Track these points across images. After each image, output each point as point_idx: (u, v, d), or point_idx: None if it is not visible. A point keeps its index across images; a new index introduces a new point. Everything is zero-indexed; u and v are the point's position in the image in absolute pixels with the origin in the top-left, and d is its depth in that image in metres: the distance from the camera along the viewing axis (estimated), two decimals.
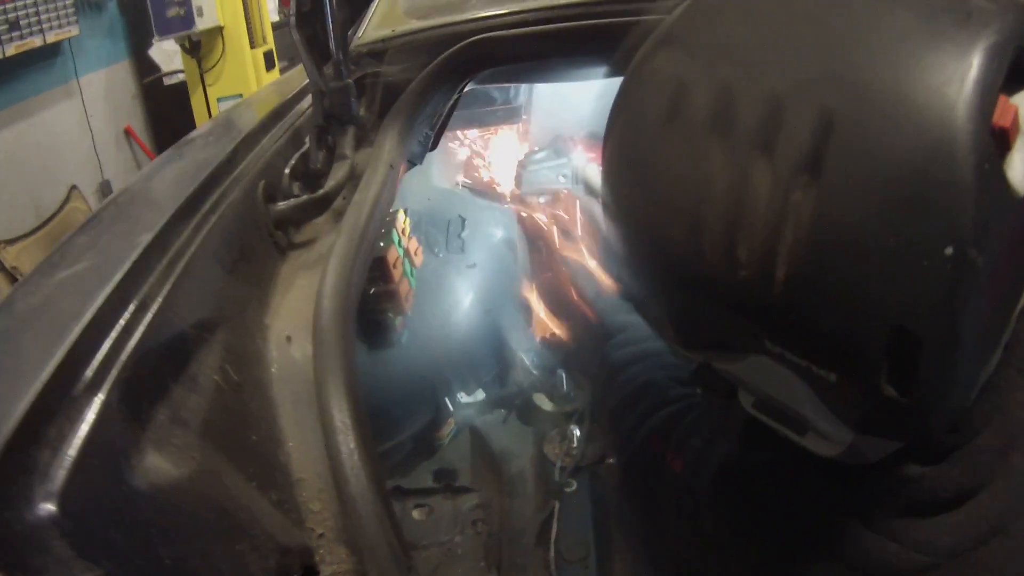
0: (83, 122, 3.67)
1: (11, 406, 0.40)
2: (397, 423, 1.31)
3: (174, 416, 0.48)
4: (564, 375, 1.35)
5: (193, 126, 3.50)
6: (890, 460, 0.63)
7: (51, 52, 3.39)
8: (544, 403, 1.35)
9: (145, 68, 4.00)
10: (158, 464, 0.44)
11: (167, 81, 3.94)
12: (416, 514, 1.35)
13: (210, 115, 3.50)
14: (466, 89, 1.01)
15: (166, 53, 3.87)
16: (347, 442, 0.53)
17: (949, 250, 0.43)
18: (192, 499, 0.45)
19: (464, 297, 1.32)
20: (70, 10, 3.31)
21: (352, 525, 0.52)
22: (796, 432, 0.58)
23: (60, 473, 0.39)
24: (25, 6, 3.07)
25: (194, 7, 3.32)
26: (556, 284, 1.20)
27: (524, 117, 1.44)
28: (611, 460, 1.30)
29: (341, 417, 0.53)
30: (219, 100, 3.47)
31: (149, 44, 3.89)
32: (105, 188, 3.75)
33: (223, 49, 3.49)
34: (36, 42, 3.18)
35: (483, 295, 1.34)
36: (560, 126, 1.53)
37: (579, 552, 1.17)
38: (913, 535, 0.63)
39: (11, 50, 3.05)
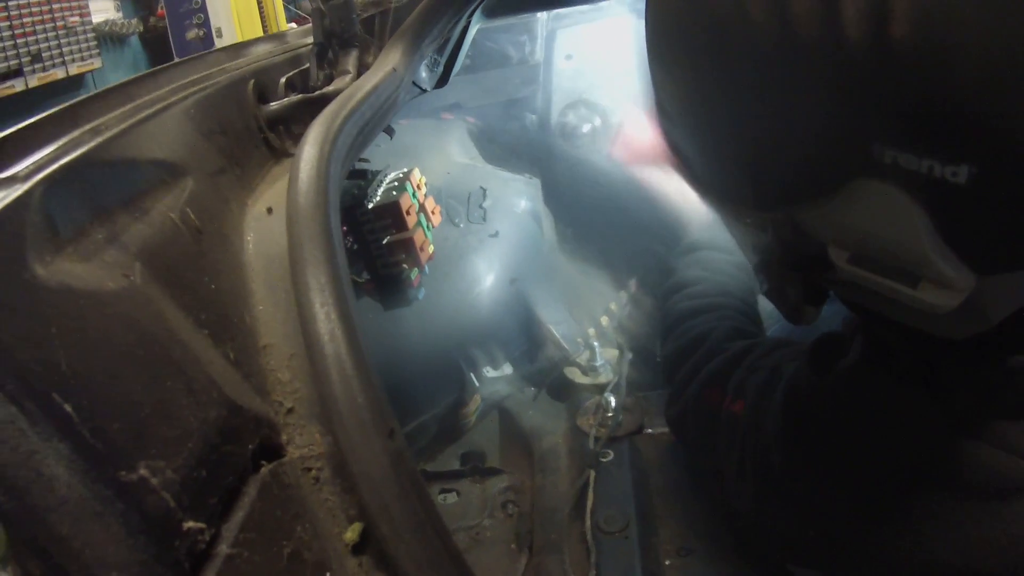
0: None
1: None
2: (420, 401, 1.21)
3: (112, 237, 0.39)
4: (597, 346, 1.23)
5: None
6: (993, 353, 0.54)
7: (74, 84, 3.44)
8: (577, 376, 1.23)
9: None
10: (78, 271, 0.35)
11: None
12: (443, 499, 1.23)
13: None
14: (477, 23, 0.93)
15: None
16: (321, 300, 0.43)
17: None
18: (113, 315, 0.35)
19: (487, 267, 1.23)
20: (92, 43, 3.39)
21: (327, 398, 0.42)
22: (906, 283, 0.47)
23: None
24: (47, 39, 3.14)
25: (213, 28, 3.37)
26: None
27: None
28: (650, 430, 1.17)
29: (314, 272, 0.44)
30: None
31: None
32: None
33: None
34: (59, 74, 3.24)
35: (508, 265, 1.24)
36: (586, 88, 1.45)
37: (619, 523, 1.03)
38: (1020, 439, 0.53)
39: (34, 82, 3.10)
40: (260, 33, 3.57)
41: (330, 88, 0.71)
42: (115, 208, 0.40)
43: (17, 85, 2.96)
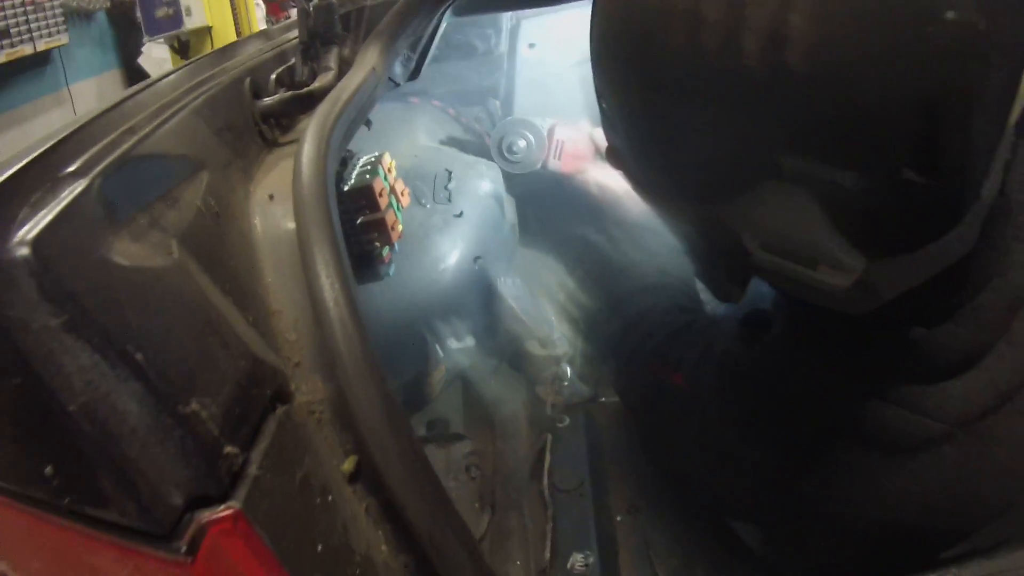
0: None
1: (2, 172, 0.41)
2: (388, 370, 1.30)
3: (153, 222, 0.48)
4: (554, 321, 1.34)
5: None
6: (894, 324, 0.62)
7: (41, 60, 3.45)
8: (535, 348, 1.34)
9: (135, 76, 4.04)
10: (133, 250, 0.44)
11: None
12: None
13: None
14: (447, 20, 1.02)
15: (155, 61, 3.91)
16: (326, 272, 0.53)
17: (951, 14, 0.42)
18: (164, 285, 0.45)
19: (452, 245, 1.32)
20: (60, 19, 3.37)
21: (328, 354, 0.52)
22: (807, 266, 0.56)
23: (36, 226, 0.39)
24: (15, 15, 3.12)
25: (183, 7, 3.37)
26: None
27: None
28: (603, 399, 1.29)
29: (320, 251, 0.53)
30: None
31: (139, 53, 3.94)
32: None
33: (212, 49, 3.52)
34: (26, 50, 3.24)
35: (471, 244, 1.34)
36: (546, 91, 1.56)
37: (574, 482, 1.15)
38: (925, 401, 0.61)
39: (2, 58, 3.11)
40: (228, 11, 3.57)
41: (315, 85, 0.79)
42: (153, 197, 0.50)
43: None
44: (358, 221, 1.07)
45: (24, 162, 0.42)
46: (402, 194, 1.20)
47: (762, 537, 0.95)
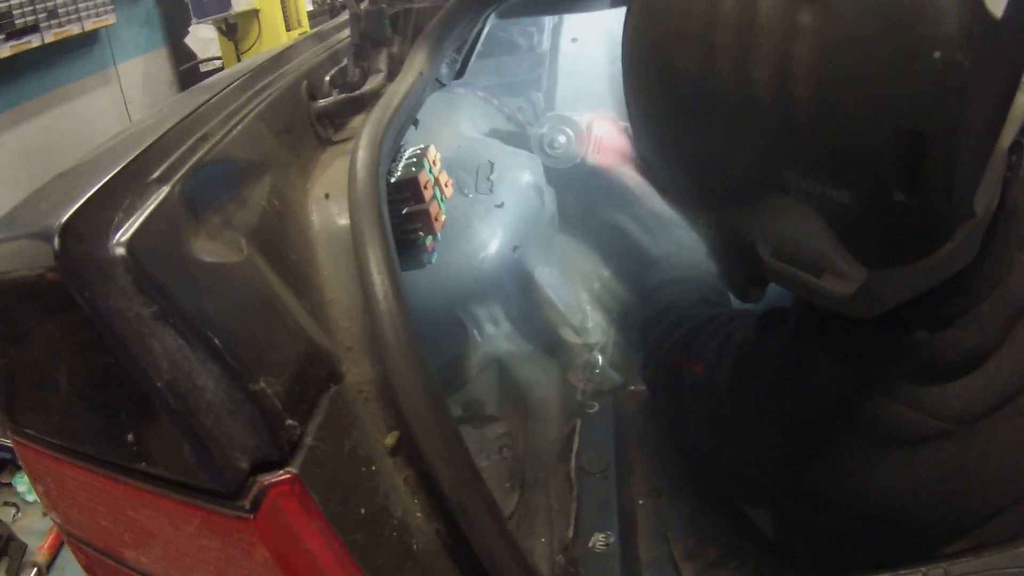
0: (121, 108, 3.80)
1: (95, 181, 0.47)
2: (427, 354, 1.37)
3: (226, 221, 0.55)
4: (588, 310, 1.40)
5: None
6: (900, 327, 0.66)
7: (89, 40, 3.55)
8: (570, 336, 1.39)
9: (182, 56, 4.14)
10: (210, 248, 0.51)
11: (203, 68, 4.06)
12: None
13: None
14: (491, 22, 1.07)
15: (202, 41, 4.00)
16: (377, 264, 0.59)
17: (938, 53, 0.47)
18: (237, 278, 0.52)
19: (492, 234, 1.38)
20: None
21: (377, 340, 0.58)
22: (813, 274, 0.60)
23: (131, 228, 0.46)
24: None
25: None
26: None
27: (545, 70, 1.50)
28: (632, 387, 1.34)
29: (373, 249, 0.60)
30: None
31: (186, 32, 4.02)
32: None
33: (259, 31, 3.59)
34: (74, 30, 3.34)
35: (511, 233, 1.39)
36: (587, 84, 1.60)
37: (599, 465, 1.21)
38: (925, 399, 0.66)
39: (50, 37, 3.21)
40: None
41: (367, 88, 0.85)
42: (225, 199, 0.56)
43: (34, 41, 3.06)
44: (403, 211, 1.13)
45: (115, 171, 0.49)
46: (446, 185, 1.26)
47: (774, 522, 0.99)
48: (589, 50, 1.59)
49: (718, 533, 1.10)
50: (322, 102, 0.82)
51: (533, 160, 1.48)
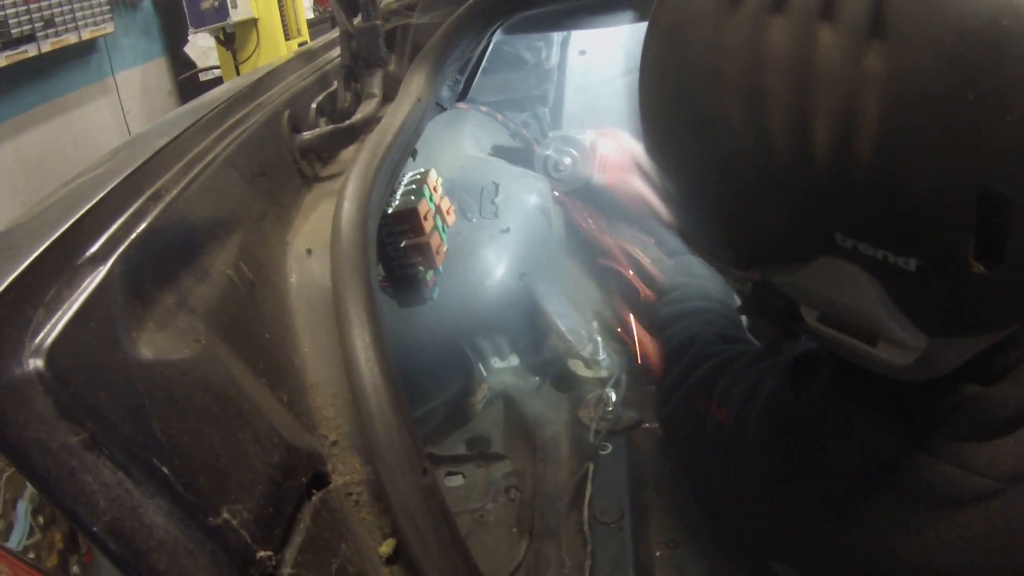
0: (119, 118, 3.73)
1: (11, 266, 0.38)
2: (430, 388, 1.28)
3: (180, 302, 0.45)
4: (600, 341, 1.30)
5: None
6: (948, 382, 0.60)
7: (86, 49, 3.48)
8: (580, 369, 1.30)
9: (180, 65, 4.07)
10: (158, 341, 0.41)
11: (203, 77, 4.00)
12: (449, 482, 1.31)
13: None
14: (496, 38, 0.97)
15: (201, 50, 3.93)
16: (364, 348, 0.49)
17: (1012, 116, 0.40)
18: (192, 380, 0.42)
19: (497, 261, 1.28)
20: (105, 8, 3.40)
21: (366, 433, 0.48)
22: (867, 342, 0.54)
23: (52, 332, 0.36)
24: (60, 3, 3.14)
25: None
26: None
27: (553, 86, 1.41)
28: (647, 424, 1.25)
29: (359, 323, 0.50)
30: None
31: (184, 41, 3.96)
32: None
33: (258, 41, 3.51)
34: (71, 39, 3.26)
35: (517, 260, 1.29)
36: (595, 99, 1.51)
37: (614, 514, 1.11)
38: (975, 458, 0.60)
39: (47, 47, 3.13)
40: (274, 3, 3.54)
41: (358, 116, 0.76)
42: (180, 272, 0.47)
43: (30, 50, 2.98)
44: (402, 244, 1.03)
45: (40, 249, 0.39)
46: (448, 212, 1.16)
47: None
48: (598, 63, 1.50)
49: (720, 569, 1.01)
50: (307, 135, 0.72)
51: (540, 181, 1.38)
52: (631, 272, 1.23)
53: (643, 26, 0.56)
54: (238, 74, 3.51)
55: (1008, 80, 0.40)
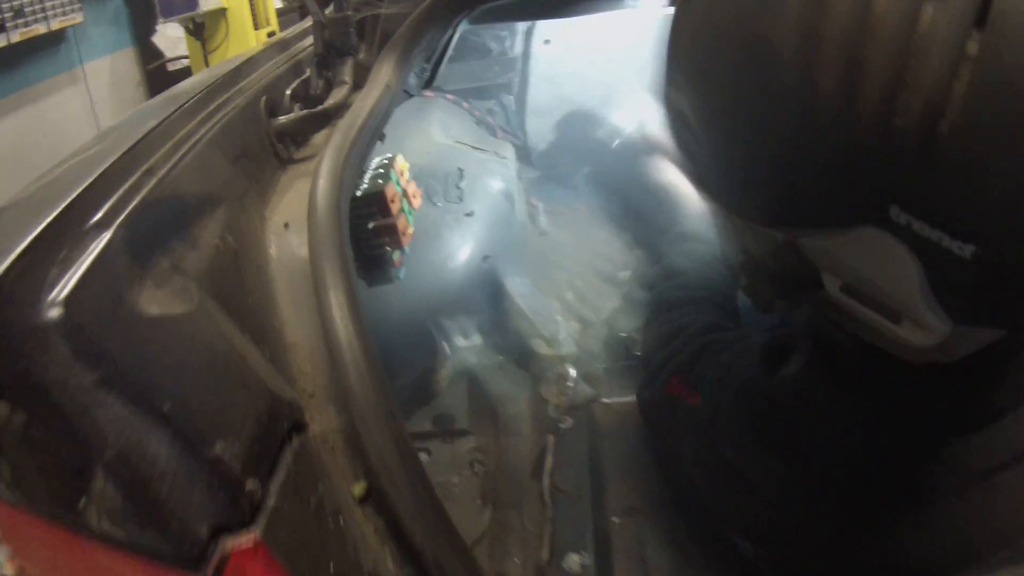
0: (88, 108, 3.72)
1: (27, 231, 0.43)
2: (396, 366, 1.34)
3: (174, 265, 0.51)
4: (561, 320, 1.37)
5: None
6: (925, 374, 0.59)
7: (55, 39, 3.47)
8: (541, 347, 1.37)
9: (149, 55, 4.06)
10: (157, 298, 0.47)
11: (171, 67, 3.99)
12: None
13: None
14: (462, 28, 1.03)
15: (170, 40, 3.92)
16: (339, 307, 0.56)
17: None
18: (188, 332, 0.48)
19: (462, 244, 1.35)
20: None
21: (341, 386, 0.55)
22: (889, 319, 0.53)
23: (65, 287, 0.42)
24: None
25: None
26: None
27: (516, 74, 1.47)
28: (605, 400, 1.32)
29: (335, 285, 0.57)
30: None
31: (153, 31, 3.94)
32: None
33: (227, 31, 3.53)
34: (41, 29, 3.25)
35: (481, 243, 1.36)
36: (560, 87, 1.58)
37: (573, 483, 1.19)
38: (945, 452, 0.61)
39: (16, 37, 3.12)
40: None
41: (330, 102, 0.82)
42: (173, 240, 0.53)
43: (0, 41, 2.95)
44: (370, 225, 1.10)
45: (49, 218, 0.45)
46: (414, 196, 1.22)
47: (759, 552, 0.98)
48: (563, 52, 1.57)
49: (697, 554, 1.09)
50: (282, 119, 0.78)
51: (504, 165, 1.45)
52: None
53: (603, 16, 0.57)
54: (207, 64, 3.52)
55: None
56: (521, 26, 1.49)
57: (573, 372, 1.33)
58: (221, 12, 3.54)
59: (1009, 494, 0.61)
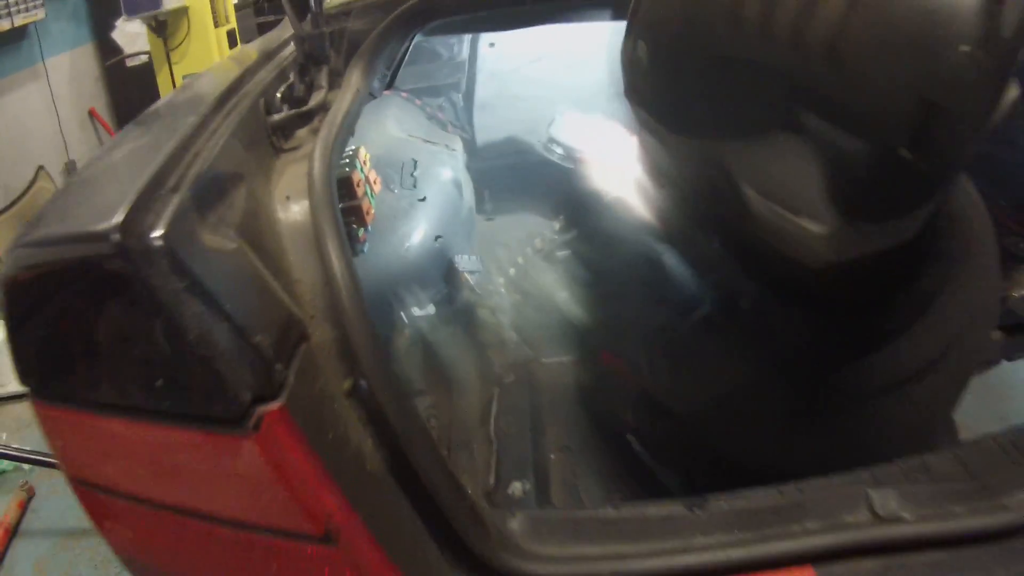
0: (49, 104, 3.87)
1: (129, 192, 0.68)
2: None
3: (220, 218, 0.76)
4: (504, 292, 1.64)
5: None
6: (812, 306, 0.82)
7: (18, 35, 3.65)
8: (487, 316, 1.64)
9: (108, 51, 4.21)
10: (212, 239, 0.72)
11: (129, 63, 4.15)
12: None
13: None
14: (416, 39, 1.29)
15: (128, 36, 4.09)
16: (335, 249, 0.81)
17: (964, 48, 0.62)
18: (233, 262, 0.73)
19: (416, 225, 1.61)
20: None
21: (335, 308, 0.80)
22: (792, 212, 0.71)
23: (161, 227, 0.66)
24: None
25: None
26: None
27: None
28: (543, 359, 1.59)
29: (331, 235, 0.82)
30: (184, 77, 3.71)
31: (112, 27, 4.09)
32: (71, 168, 3.96)
33: (188, 28, 3.73)
34: (4, 25, 3.41)
35: (433, 224, 1.63)
36: (504, 85, 1.85)
37: (515, 426, 1.46)
38: (854, 368, 0.81)
39: None
40: None
41: (313, 103, 1.06)
42: (217, 201, 0.77)
43: None
44: (339, 207, 1.35)
45: (143, 184, 0.69)
46: (375, 182, 1.48)
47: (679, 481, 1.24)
48: (506, 54, 1.84)
49: (622, 484, 1.36)
50: (276, 117, 1.03)
51: (453, 157, 1.71)
52: None
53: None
54: (168, 60, 3.72)
55: (957, 33, 0.61)
56: (467, 36, 1.75)
57: (515, 336, 1.60)
58: (183, 10, 3.76)
59: (917, 403, 0.81)
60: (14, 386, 3.12)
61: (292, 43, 1.22)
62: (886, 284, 0.83)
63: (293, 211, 0.88)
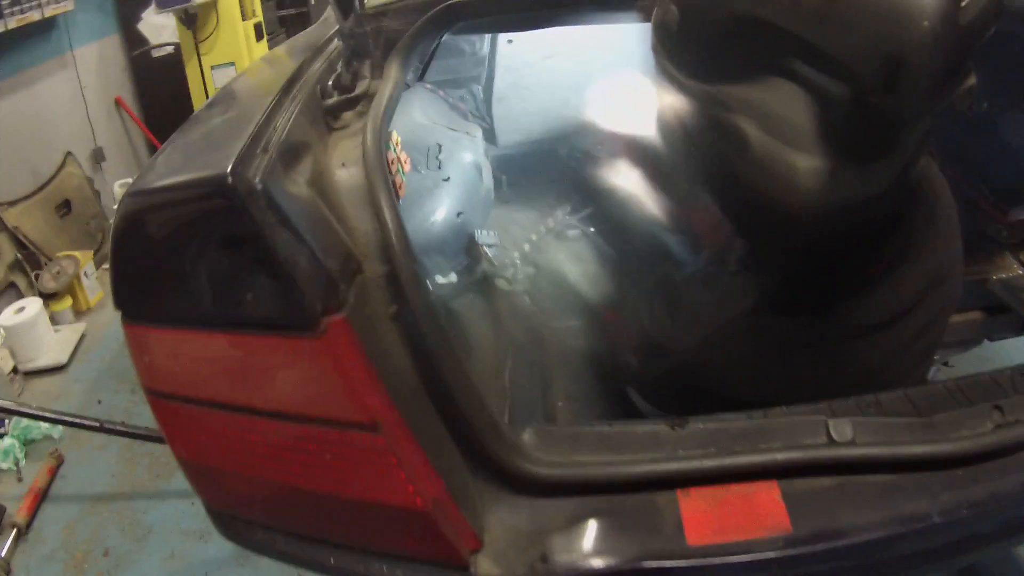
0: (77, 93, 4.19)
1: (232, 150, 0.95)
2: None
3: (297, 175, 1.03)
4: (519, 264, 1.90)
5: (185, 95, 4.08)
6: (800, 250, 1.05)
7: (48, 26, 3.99)
8: (503, 285, 1.90)
9: (134, 41, 4.54)
10: (292, 188, 1.00)
11: (155, 54, 4.47)
12: None
13: (204, 81, 4.04)
14: (445, 37, 1.57)
15: (154, 27, 4.42)
16: (387, 202, 1.08)
17: (926, 23, 0.84)
18: (308, 205, 1.00)
19: (440, 203, 1.88)
20: None
21: (385, 250, 1.07)
22: (787, 144, 0.93)
23: (260, 176, 0.94)
24: None
25: None
26: None
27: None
28: (554, 324, 1.86)
29: (384, 193, 1.09)
30: (212, 68, 4.03)
31: (138, 18, 4.42)
32: (97, 155, 4.28)
33: (217, 21, 4.04)
34: (35, 16, 3.75)
35: (456, 202, 1.89)
36: (520, 78, 2.11)
37: (527, 380, 1.72)
38: (841, 310, 1.04)
39: (12, 23, 3.63)
40: None
41: (359, 91, 1.34)
42: (295, 163, 1.04)
43: None
44: (388, 171, 1.62)
45: (244, 143, 0.96)
46: (404, 162, 1.76)
47: (651, 406, 1.51)
48: (523, 50, 2.11)
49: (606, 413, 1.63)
50: (329, 101, 1.30)
51: (474, 143, 1.98)
52: None
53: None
54: (197, 51, 4.03)
55: (921, 6, 0.86)
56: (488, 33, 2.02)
57: (528, 303, 1.86)
58: (212, 3, 4.10)
59: (882, 349, 1.02)
60: (44, 360, 3.42)
61: (336, 39, 1.49)
62: (863, 237, 1.02)
63: (348, 174, 1.16)
